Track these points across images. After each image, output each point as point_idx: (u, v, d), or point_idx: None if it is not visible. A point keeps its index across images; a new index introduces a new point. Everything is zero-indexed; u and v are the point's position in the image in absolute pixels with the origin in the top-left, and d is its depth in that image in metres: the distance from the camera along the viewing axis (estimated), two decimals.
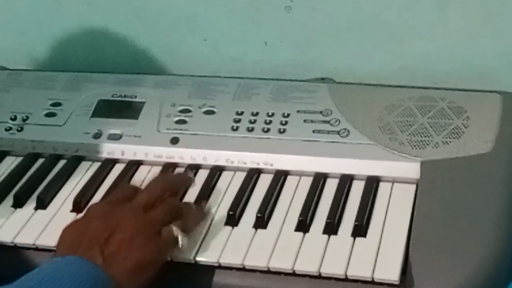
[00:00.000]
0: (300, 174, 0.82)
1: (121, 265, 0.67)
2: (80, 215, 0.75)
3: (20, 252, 0.78)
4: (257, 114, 0.87)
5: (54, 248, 0.76)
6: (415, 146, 0.80)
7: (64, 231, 0.71)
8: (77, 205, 0.81)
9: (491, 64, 0.93)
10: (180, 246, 0.71)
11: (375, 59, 0.97)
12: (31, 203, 0.82)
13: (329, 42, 0.97)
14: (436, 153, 0.79)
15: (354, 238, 0.73)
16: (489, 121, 0.82)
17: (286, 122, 0.86)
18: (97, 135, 0.89)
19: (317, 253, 0.71)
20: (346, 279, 0.69)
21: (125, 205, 0.72)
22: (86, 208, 0.74)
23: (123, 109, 0.92)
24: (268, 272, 0.71)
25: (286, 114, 0.86)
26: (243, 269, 0.72)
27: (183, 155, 0.85)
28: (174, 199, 0.76)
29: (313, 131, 0.84)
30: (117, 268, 0.67)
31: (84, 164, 0.88)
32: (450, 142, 0.80)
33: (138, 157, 0.87)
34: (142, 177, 0.84)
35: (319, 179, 0.81)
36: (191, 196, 0.80)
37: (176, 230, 0.71)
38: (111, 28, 1.04)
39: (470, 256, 0.69)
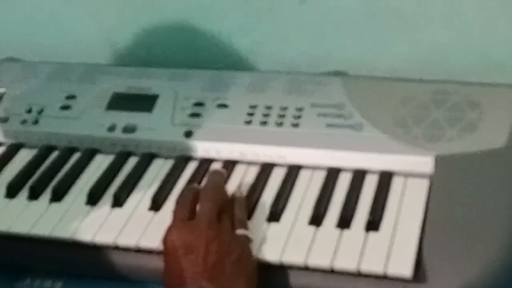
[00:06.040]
0: (314, 168, 0.82)
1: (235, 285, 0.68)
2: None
3: (36, 244, 0.78)
4: (270, 107, 0.87)
5: (69, 241, 0.77)
6: (429, 140, 0.80)
7: (165, 276, 0.70)
8: (93, 198, 0.82)
9: (508, 56, 0.92)
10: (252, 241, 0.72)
11: (390, 51, 0.96)
12: (46, 196, 0.83)
13: (343, 34, 0.97)
14: (450, 147, 0.79)
15: (367, 233, 0.73)
16: (503, 116, 0.81)
17: (300, 116, 0.85)
18: (112, 128, 0.89)
19: (330, 247, 0.71)
20: (358, 274, 0.69)
21: (199, 225, 0.71)
22: (163, 243, 0.71)
23: (137, 102, 0.92)
24: (281, 266, 0.71)
25: (299, 108, 0.86)
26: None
27: (197, 148, 0.86)
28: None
29: (327, 125, 0.84)
30: None
31: (98, 157, 0.89)
32: (464, 136, 0.80)
33: (152, 150, 0.87)
34: (157, 171, 0.85)
35: (333, 173, 0.81)
36: None
37: (243, 231, 0.72)
38: (125, 21, 1.04)
39: (483, 252, 0.69)
